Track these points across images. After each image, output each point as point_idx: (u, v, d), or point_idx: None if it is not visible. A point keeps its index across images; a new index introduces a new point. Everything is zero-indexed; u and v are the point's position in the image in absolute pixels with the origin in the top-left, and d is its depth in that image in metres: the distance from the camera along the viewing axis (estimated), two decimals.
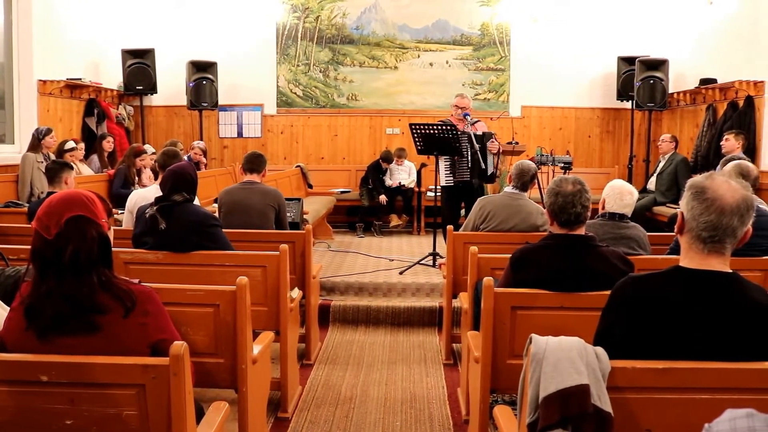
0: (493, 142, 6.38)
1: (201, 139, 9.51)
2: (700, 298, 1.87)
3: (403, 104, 10.10)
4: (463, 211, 6.77)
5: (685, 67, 9.00)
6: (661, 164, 8.35)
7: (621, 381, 1.85)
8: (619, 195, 3.79)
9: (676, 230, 1.99)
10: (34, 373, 1.89)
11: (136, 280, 2.17)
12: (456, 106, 6.62)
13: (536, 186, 5.55)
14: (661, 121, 9.82)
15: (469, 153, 6.20)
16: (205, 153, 8.92)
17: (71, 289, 2.02)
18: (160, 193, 3.74)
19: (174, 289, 2.71)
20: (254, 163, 4.96)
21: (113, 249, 2.17)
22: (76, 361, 1.90)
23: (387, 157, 9.18)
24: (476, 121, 6.65)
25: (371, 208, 9.09)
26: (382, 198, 8.99)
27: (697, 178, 1.94)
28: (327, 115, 10.14)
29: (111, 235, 2.19)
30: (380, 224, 9.14)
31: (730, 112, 7.63)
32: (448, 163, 6.40)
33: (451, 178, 6.40)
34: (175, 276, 3.53)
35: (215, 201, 7.26)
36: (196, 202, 4.30)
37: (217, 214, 4.89)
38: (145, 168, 7.29)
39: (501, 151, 6.49)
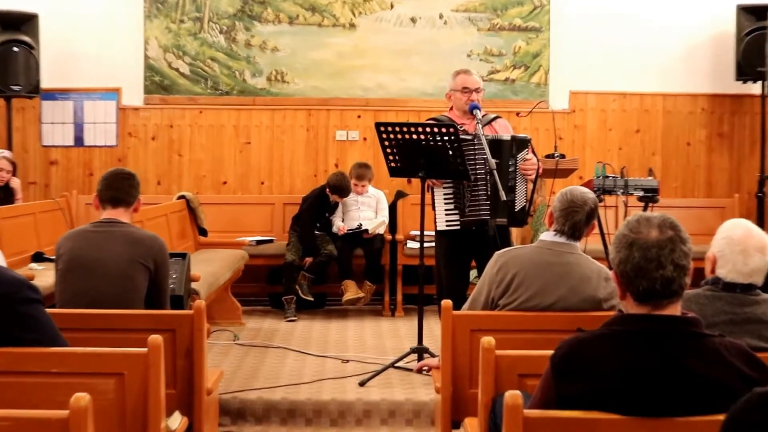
0: (528, 156, 6.34)
1: (8, 148, 9.40)
2: None
3: (364, 89, 10.24)
4: (474, 273, 6.81)
5: None
6: None
7: None
8: (740, 249, 3.83)
9: None
10: None
11: None
12: (458, 90, 6.56)
13: (596, 230, 5.60)
14: None
15: (486, 174, 6.16)
16: (14, 169, 8.78)
17: None
18: None
19: None
20: (119, 188, 4.97)
21: None
22: None
23: (339, 185, 9.14)
24: (493, 118, 6.70)
25: (299, 268, 9.02)
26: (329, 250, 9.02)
27: None
28: (233, 108, 10.21)
29: None
30: (308, 281, 9.04)
31: None
32: (450, 189, 6.40)
33: (456, 217, 6.36)
34: None
35: (34, 259, 7.23)
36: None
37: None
38: None
39: (541, 172, 6.47)
